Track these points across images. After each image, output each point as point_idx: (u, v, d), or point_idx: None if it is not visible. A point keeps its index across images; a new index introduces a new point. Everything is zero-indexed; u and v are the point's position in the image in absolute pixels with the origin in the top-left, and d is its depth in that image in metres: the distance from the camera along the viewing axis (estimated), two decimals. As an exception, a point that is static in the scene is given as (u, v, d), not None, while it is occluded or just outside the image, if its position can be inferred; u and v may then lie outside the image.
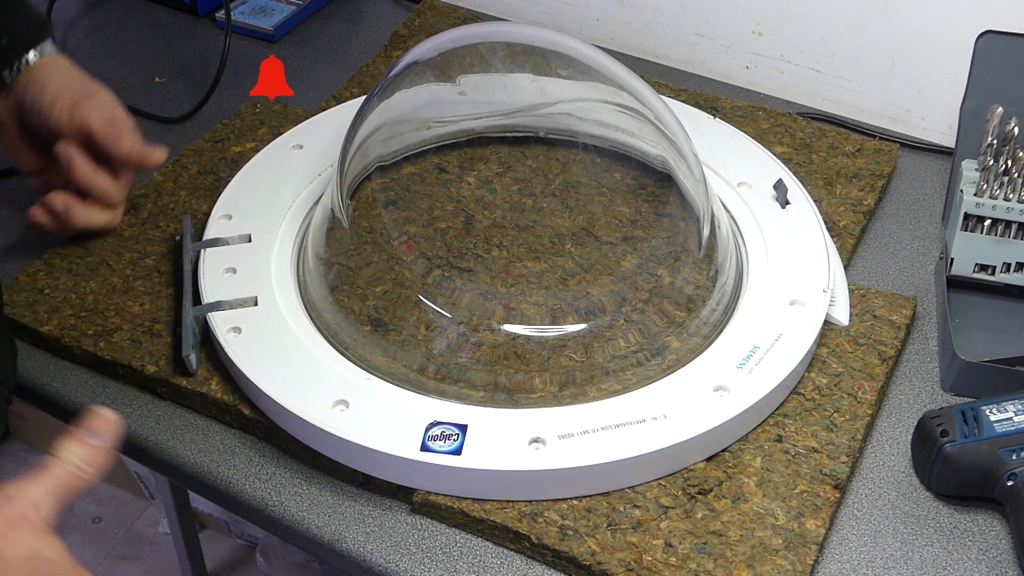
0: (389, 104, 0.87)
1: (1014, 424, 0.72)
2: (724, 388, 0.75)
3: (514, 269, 0.83)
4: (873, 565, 0.70)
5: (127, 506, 1.79)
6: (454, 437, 0.71)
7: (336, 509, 0.73)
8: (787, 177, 0.90)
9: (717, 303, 0.81)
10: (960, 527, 0.73)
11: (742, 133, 0.96)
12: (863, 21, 1.03)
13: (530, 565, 0.70)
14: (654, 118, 0.86)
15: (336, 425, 0.72)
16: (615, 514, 0.71)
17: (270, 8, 1.20)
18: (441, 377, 0.76)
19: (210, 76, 1.10)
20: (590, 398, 0.75)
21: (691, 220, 0.84)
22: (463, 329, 0.78)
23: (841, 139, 1.00)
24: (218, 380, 0.79)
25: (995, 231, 0.84)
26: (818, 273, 0.83)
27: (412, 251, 0.84)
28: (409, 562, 0.70)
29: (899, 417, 0.79)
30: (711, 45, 1.13)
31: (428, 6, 1.18)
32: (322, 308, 0.81)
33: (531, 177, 0.92)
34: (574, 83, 0.90)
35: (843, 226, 0.91)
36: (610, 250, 0.85)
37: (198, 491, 0.78)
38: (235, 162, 0.96)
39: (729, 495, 0.72)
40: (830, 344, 0.81)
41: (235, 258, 0.84)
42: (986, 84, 0.90)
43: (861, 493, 0.74)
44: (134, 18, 1.22)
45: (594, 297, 0.80)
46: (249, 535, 1.73)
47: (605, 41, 1.18)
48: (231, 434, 0.78)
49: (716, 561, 0.68)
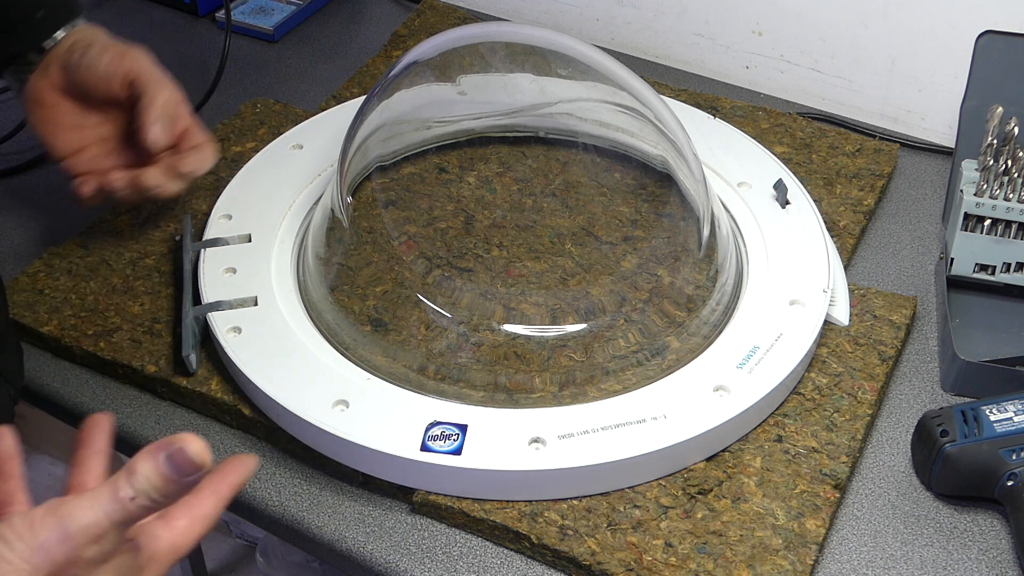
0: (389, 104, 0.87)
1: (1014, 424, 0.72)
2: (724, 388, 0.75)
3: (514, 269, 0.83)
4: (873, 565, 0.70)
5: (127, 506, 1.79)
6: (454, 437, 0.71)
7: (336, 509, 0.73)
8: (787, 177, 0.90)
9: (717, 303, 0.81)
10: (960, 527, 0.72)
11: (742, 133, 0.96)
12: (863, 21, 1.03)
13: (530, 565, 0.70)
14: (654, 118, 0.86)
15: (336, 425, 0.72)
16: (615, 514, 0.71)
17: (270, 8, 1.20)
18: (441, 377, 0.76)
19: (210, 76, 1.10)
20: (590, 398, 0.75)
21: (691, 220, 0.84)
22: (463, 329, 0.78)
23: (841, 139, 1.00)
24: (218, 380, 0.79)
25: (995, 231, 0.84)
26: (818, 273, 0.83)
27: (412, 251, 0.84)
28: (409, 562, 0.70)
29: (899, 417, 0.79)
30: (711, 45, 1.13)
31: (428, 6, 1.18)
32: (322, 308, 0.81)
33: (531, 177, 0.92)
34: (574, 83, 0.90)
35: (843, 226, 0.91)
36: (610, 250, 0.85)
37: (198, 491, 0.78)
38: (235, 162, 0.96)
39: (729, 495, 0.72)
40: (830, 344, 0.81)
41: (235, 258, 0.84)
42: (986, 84, 0.90)
43: (861, 493, 0.74)
44: (134, 18, 1.22)
45: (594, 297, 0.80)
46: (249, 535, 1.73)
47: (605, 41, 1.18)
48: (231, 434, 0.78)
49: (716, 561, 0.68)
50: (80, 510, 0.49)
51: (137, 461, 0.50)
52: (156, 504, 0.50)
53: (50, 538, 0.48)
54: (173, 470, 0.49)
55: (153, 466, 0.49)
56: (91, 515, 0.49)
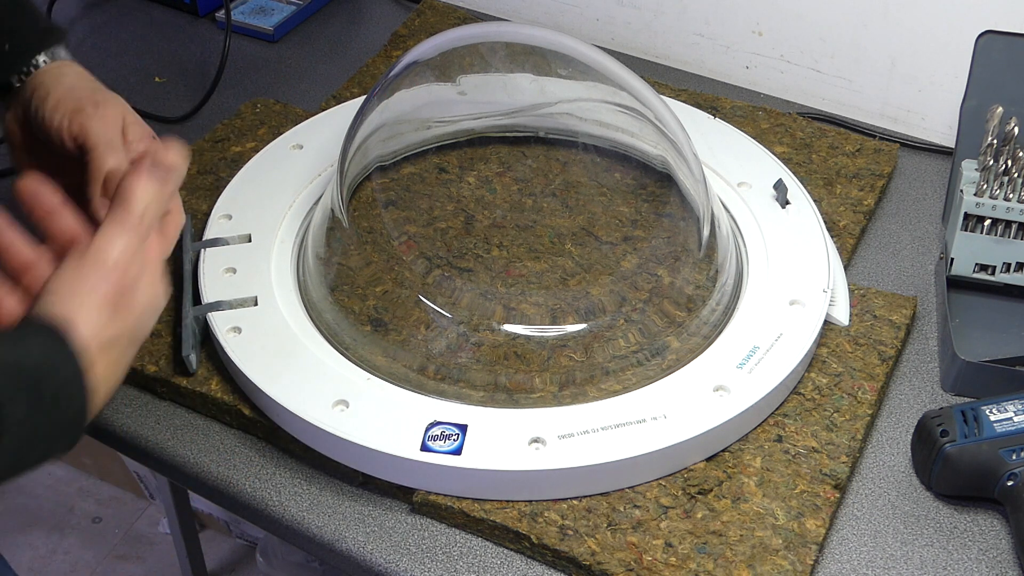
0: (389, 104, 0.87)
1: (1014, 424, 0.72)
2: (724, 388, 0.75)
3: (514, 269, 0.83)
4: (873, 565, 0.70)
5: (127, 506, 1.79)
6: (454, 437, 0.71)
7: (336, 509, 0.73)
8: (787, 177, 0.90)
9: (717, 303, 0.81)
10: (960, 527, 0.72)
11: (742, 133, 0.96)
12: (863, 21, 1.03)
13: (530, 565, 0.70)
14: (654, 118, 0.86)
15: (336, 425, 0.72)
16: (615, 514, 0.71)
17: (270, 8, 1.20)
18: (441, 377, 0.76)
19: (210, 76, 1.10)
20: (590, 398, 0.75)
21: (691, 220, 0.84)
22: (463, 329, 0.78)
23: (841, 139, 1.00)
24: (218, 380, 0.79)
25: (995, 231, 0.84)
26: (818, 273, 0.83)
27: (412, 251, 0.84)
28: (409, 562, 0.70)
29: (899, 417, 0.79)
30: (711, 45, 1.13)
31: (428, 6, 1.18)
32: (322, 308, 0.81)
33: (531, 177, 0.92)
34: (574, 83, 0.90)
35: (843, 226, 0.91)
36: (610, 250, 0.85)
37: (198, 491, 0.78)
38: (235, 162, 0.96)
39: (729, 495, 0.72)
40: (830, 344, 0.81)
41: (235, 258, 0.84)
42: (986, 84, 0.90)
43: (861, 493, 0.74)
44: (134, 18, 1.22)
45: (594, 297, 0.80)
46: (249, 535, 1.73)
47: (605, 41, 1.18)
48: (231, 434, 0.78)
49: (716, 561, 0.68)
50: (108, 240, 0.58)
51: (130, 187, 0.60)
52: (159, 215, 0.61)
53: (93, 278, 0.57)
54: (162, 180, 0.60)
55: (146, 185, 0.60)
56: (118, 240, 0.58)
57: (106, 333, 0.58)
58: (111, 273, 0.58)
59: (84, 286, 0.57)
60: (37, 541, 1.74)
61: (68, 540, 1.75)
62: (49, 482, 1.81)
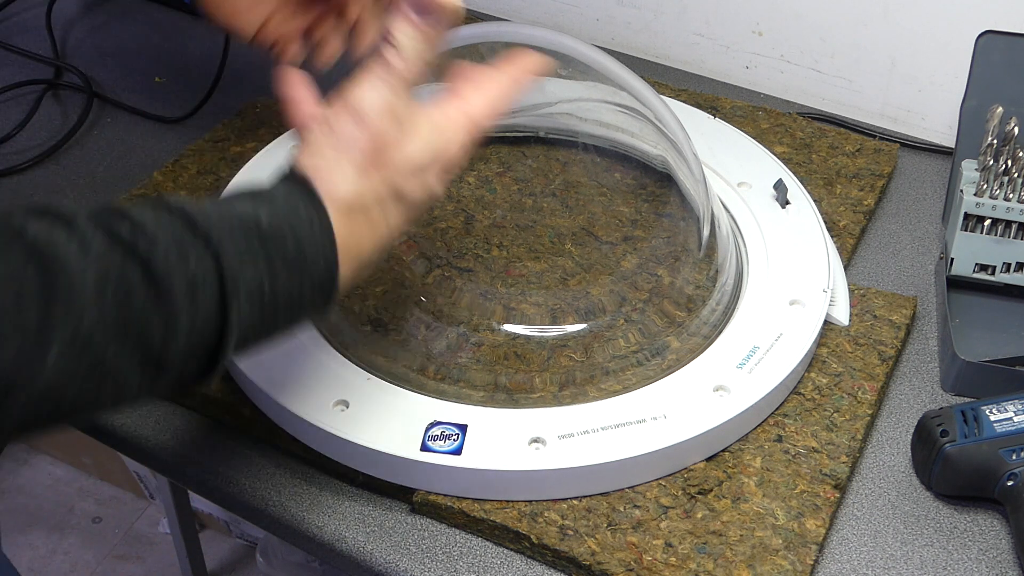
0: (389, 104, 0.87)
1: (1014, 424, 0.72)
2: (724, 388, 0.75)
3: (514, 269, 0.83)
4: (873, 565, 0.70)
5: (127, 506, 1.80)
6: (454, 437, 0.71)
7: (336, 509, 0.73)
8: (787, 177, 0.90)
9: (717, 303, 0.81)
10: (960, 527, 0.73)
11: (742, 133, 0.96)
12: (863, 21, 1.03)
13: (530, 565, 0.70)
14: (654, 118, 0.86)
15: (336, 425, 0.72)
16: (615, 514, 0.71)
17: (270, 8, 1.20)
18: (441, 377, 0.76)
19: (210, 76, 1.10)
20: (590, 398, 0.75)
21: (691, 220, 0.84)
22: (463, 329, 0.78)
23: (841, 139, 1.00)
24: (218, 380, 0.79)
25: (995, 231, 0.84)
26: (818, 273, 0.83)
27: (412, 251, 0.84)
28: (409, 562, 0.70)
29: (899, 417, 0.79)
30: (711, 45, 1.13)
31: (428, 6, 1.18)
32: (322, 308, 0.81)
33: (531, 177, 0.92)
34: (574, 83, 0.90)
35: (843, 226, 0.91)
36: (610, 250, 0.85)
37: (198, 491, 0.78)
38: (235, 162, 0.96)
39: (729, 495, 0.72)
40: (830, 344, 0.81)
41: (235, 258, 0.84)
42: (986, 84, 0.90)
43: (861, 493, 0.74)
44: (134, 18, 1.22)
45: (594, 297, 0.80)
46: (249, 535, 1.73)
47: (605, 41, 1.18)
48: (231, 434, 0.78)
49: (716, 561, 0.68)
50: (362, 93, 0.55)
51: (389, 29, 0.56)
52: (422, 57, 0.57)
53: (348, 128, 0.55)
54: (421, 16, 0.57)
55: (404, 22, 0.56)
56: (374, 93, 0.55)
57: (357, 190, 0.55)
58: (363, 126, 0.55)
59: (332, 141, 0.55)
60: (37, 541, 1.74)
61: (68, 540, 1.75)
62: (49, 482, 1.81)
